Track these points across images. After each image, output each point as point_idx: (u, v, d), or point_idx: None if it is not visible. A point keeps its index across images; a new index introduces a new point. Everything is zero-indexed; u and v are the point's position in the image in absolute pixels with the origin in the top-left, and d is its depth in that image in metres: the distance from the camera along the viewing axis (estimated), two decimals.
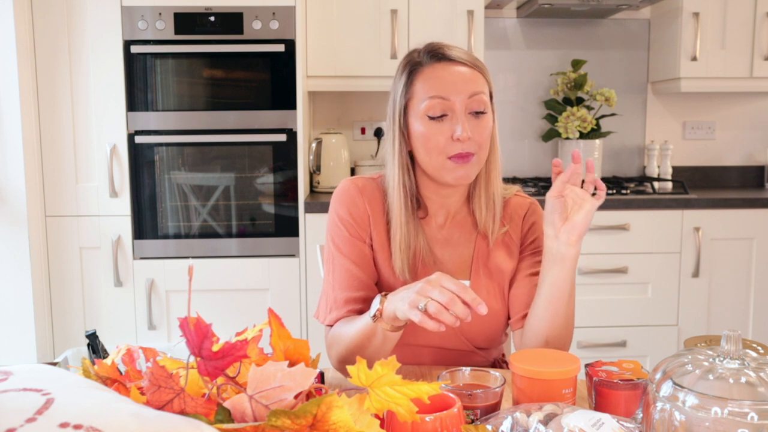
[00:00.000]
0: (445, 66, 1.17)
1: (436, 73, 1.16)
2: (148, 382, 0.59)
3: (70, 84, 2.40)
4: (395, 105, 1.21)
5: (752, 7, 2.76)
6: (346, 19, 2.66)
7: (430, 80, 1.16)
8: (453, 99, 1.14)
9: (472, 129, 1.15)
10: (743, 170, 3.20)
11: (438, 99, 1.14)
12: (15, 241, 2.33)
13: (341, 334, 1.15)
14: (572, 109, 2.88)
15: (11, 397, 0.51)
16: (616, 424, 0.69)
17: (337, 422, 0.59)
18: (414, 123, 1.18)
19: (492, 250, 1.26)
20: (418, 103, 1.17)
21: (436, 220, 1.27)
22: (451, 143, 1.14)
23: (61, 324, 2.48)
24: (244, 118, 2.44)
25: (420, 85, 1.17)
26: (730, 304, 2.66)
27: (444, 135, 1.15)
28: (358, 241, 1.23)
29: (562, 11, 2.89)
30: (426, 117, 1.15)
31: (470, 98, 1.15)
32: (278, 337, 0.73)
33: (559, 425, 0.72)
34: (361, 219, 1.24)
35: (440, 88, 1.15)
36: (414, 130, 1.18)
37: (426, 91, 1.16)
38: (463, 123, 1.14)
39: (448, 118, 1.15)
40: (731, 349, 0.73)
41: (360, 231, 1.23)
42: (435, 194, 1.24)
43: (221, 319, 2.39)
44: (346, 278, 1.21)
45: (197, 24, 2.40)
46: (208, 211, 2.47)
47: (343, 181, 1.29)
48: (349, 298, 1.20)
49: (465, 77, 1.16)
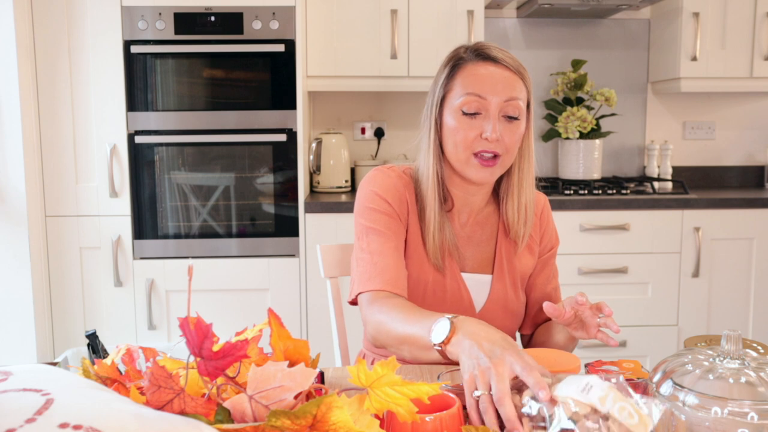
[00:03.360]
0: (488, 66, 1.18)
1: (478, 71, 1.18)
2: (148, 382, 0.59)
3: (70, 84, 2.40)
4: (433, 96, 1.23)
5: (752, 7, 2.76)
6: (346, 19, 2.66)
7: (470, 77, 1.18)
8: (489, 99, 1.16)
9: (502, 132, 1.16)
10: (743, 170, 3.19)
11: (474, 96, 1.16)
12: (15, 241, 2.33)
13: (386, 319, 1.09)
14: (572, 109, 2.87)
15: (11, 397, 0.51)
16: (605, 383, 0.70)
17: (337, 422, 0.59)
18: (447, 116, 1.20)
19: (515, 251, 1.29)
20: (454, 98, 1.19)
21: (460, 218, 1.29)
22: (479, 141, 1.16)
23: (61, 324, 2.48)
24: (244, 118, 2.44)
25: (460, 80, 1.19)
26: (730, 304, 2.66)
27: (474, 131, 1.16)
28: (395, 219, 1.23)
29: (562, 11, 2.89)
30: (460, 112, 1.17)
31: (506, 102, 1.16)
32: (278, 337, 0.73)
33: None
34: (401, 201, 1.24)
35: (479, 86, 1.16)
36: (446, 123, 1.20)
37: (464, 87, 1.18)
38: (494, 124, 1.15)
39: (481, 117, 1.17)
40: (731, 349, 0.73)
41: (399, 211, 1.23)
42: (461, 190, 1.26)
43: (221, 319, 2.39)
44: (385, 248, 1.19)
45: (197, 24, 2.40)
46: (208, 211, 2.47)
47: (377, 168, 1.28)
48: (389, 265, 1.18)
49: (505, 80, 1.17)
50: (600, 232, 2.57)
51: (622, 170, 3.17)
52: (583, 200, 2.57)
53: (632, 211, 2.57)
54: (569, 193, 2.65)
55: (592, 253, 2.58)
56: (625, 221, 2.57)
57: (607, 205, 2.56)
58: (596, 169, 2.91)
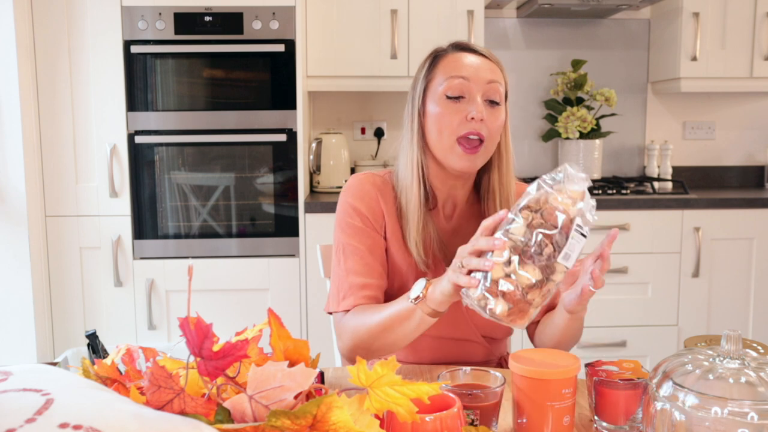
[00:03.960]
0: (467, 54, 1.23)
1: (458, 58, 1.22)
2: (148, 382, 0.59)
3: (70, 84, 2.40)
4: (415, 90, 1.25)
5: (752, 7, 2.76)
6: (346, 19, 2.66)
7: (452, 63, 1.22)
8: (471, 80, 1.19)
9: (486, 115, 1.18)
10: (743, 170, 3.19)
11: (458, 79, 1.19)
12: (15, 241, 2.33)
13: (362, 319, 1.15)
14: (572, 109, 2.87)
15: (11, 397, 0.51)
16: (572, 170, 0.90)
17: (337, 422, 0.59)
18: (430, 105, 1.22)
19: None
20: (437, 85, 1.21)
21: (444, 212, 1.29)
22: (465, 123, 1.18)
23: (61, 324, 2.48)
24: (244, 118, 2.44)
25: (441, 68, 1.22)
26: (730, 304, 2.66)
27: (459, 114, 1.18)
28: (371, 231, 1.24)
29: (562, 11, 2.89)
30: (444, 97, 1.20)
31: (488, 84, 1.19)
32: (278, 337, 0.73)
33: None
34: (375, 210, 1.25)
35: (460, 69, 1.20)
36: (429, 112, 1.22)
37: (447, 72, 1.21)
38: (478, 105, 1.18)
39: (465, 101, 1.19)
40: (731, 349, 0.73)
41: (374, 222, 1.25)
42: (443, 184, 1.26)
43: (221, 319, 2.39)
44: (360, 265, 1.22)
45: (197, 24, 2.40)
46: (208, 211, 2.47)
47: (354, 176, 1.31)
48: (364, 283, 1.21)
49: (484, 66, 1.21)
50: (600, 232, 2.56)
51: (622, 170, 3.17)
52: None
53: (632, 211, 2.57)
54: None
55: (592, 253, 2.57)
56: (625, 221, 2.57)
57: (607, 205, 2.56)
58: (596, 169, 2.91)
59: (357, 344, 1.15)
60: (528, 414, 0.87)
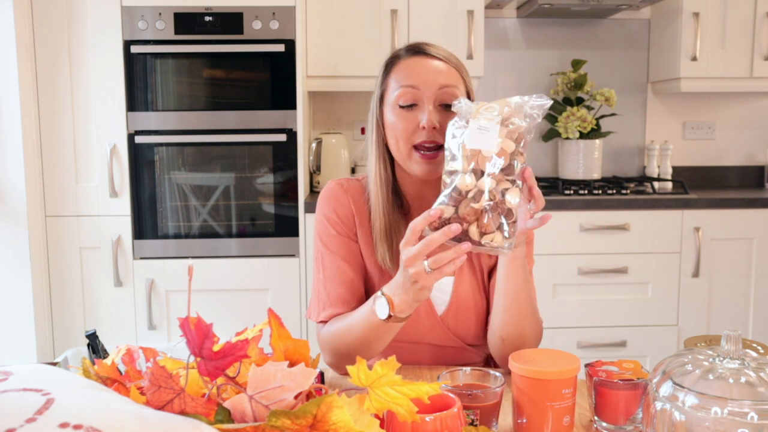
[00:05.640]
0: (420, 59, 1.21)
1: (410, 64, 1.21)
2: (148, 382, 0.59)
3: (70, 84, 2.40)
4: (374, 97, 1.25)
5: (752, 7, 2.76)
6: (346, 19, 2.66)
7: (403, 71, 1.21)
8: (422, 89, 1.17)
9: (440, 120, 1.16)
10: (743, 170, 3.19)
11: (408, 88, 1.18)
12: (15, 241, 2.33)
13: (339, 330, 1.16)
14: (572, 109, 2.87)
15: (11, 397, 0.51)
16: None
17: (337, 422, 0.59)
18: (387, 113, 1.21)
19: None
20: (391, 93, 1.21)
21: (419, 214, 1.27)
22: (418, 132, 1.17)
23: (61, 324, 2.48)
24: (244, 118, 2.44)
25: (394, 75, 1.22)
26: (730, 304, 2.66)
27: (412, 123, 1.17)
28: (345, 239, 1.26)
29: (562, 11, 2.89)
30: (397, 106, 1.19)
31: (441, 89, 1.17)
32: (278, 337, 0.73)
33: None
34: (347, 216, 1.26)
35: (411, 77, 1.19)
36: (386, 120, 1.22)
37: (398, 81, 1.20)
38: (429, 112, 1.16)
39: (418, 108, 1.18)
40: (731, 349, 0.73)
41: (346, 228, 1.26)
42: (412, 189, 1.26)
43: (221, 319, 2.38)
44: (336, 275, 1.24)
45: (197, 24, 2.40)
46: (208, 211, 2.47)
47: (328, 183, 1.32)
48: (341, 294, 1.23)
49: (437, 70, 1.19)
50: (600, 232, 2.57)
51: (622, 170, 3.17)
52: (583, 200, 2.57)
53: (632, 211, 2.57)
54: (569, 193, 2.65)
55: (592, 253, 2.58)
56: (625, 221, 2.57)
57: (607, 205, 2.56)
58: (596, 169, 2.91)
59: (339, 355, 1.17)
60: (528, 414, 0.87)
